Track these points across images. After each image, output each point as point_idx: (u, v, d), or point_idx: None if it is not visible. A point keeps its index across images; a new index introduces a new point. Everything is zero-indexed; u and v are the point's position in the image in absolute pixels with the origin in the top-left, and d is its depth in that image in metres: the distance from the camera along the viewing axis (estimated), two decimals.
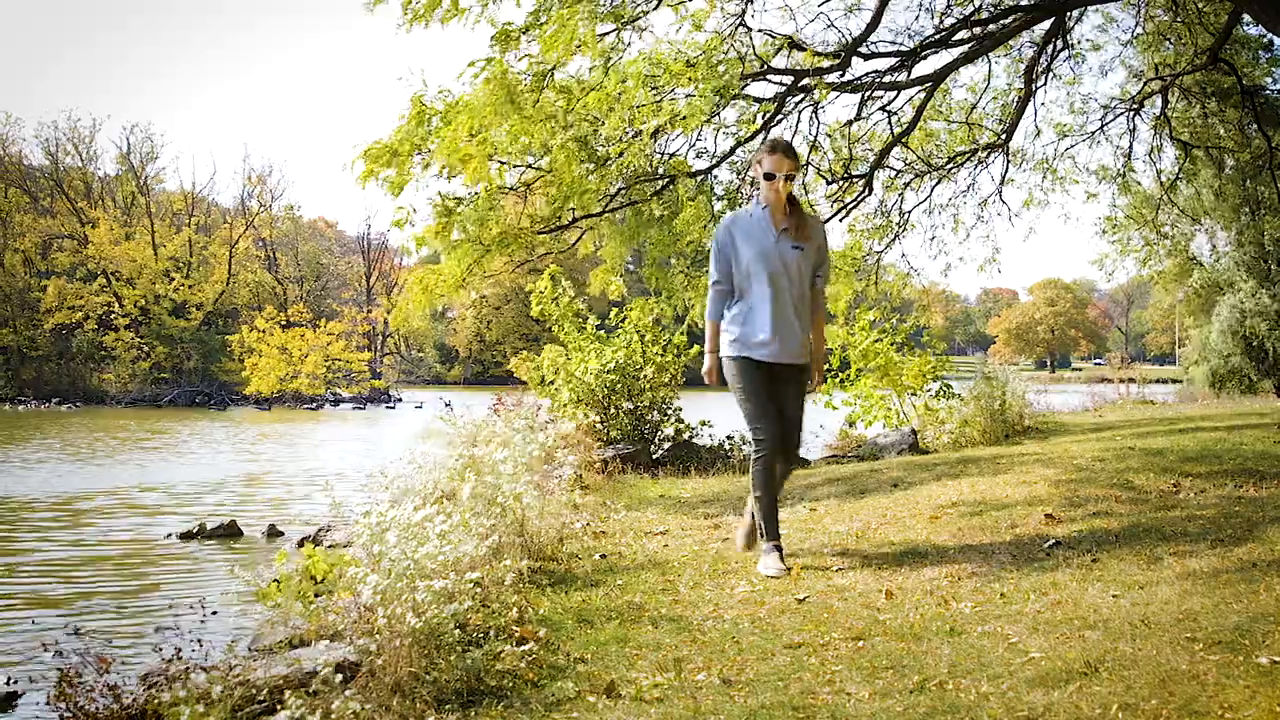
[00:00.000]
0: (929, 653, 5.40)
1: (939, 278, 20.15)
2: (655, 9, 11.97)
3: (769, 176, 7.34)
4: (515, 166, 12.73)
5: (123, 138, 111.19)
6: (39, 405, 59.40)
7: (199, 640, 8.57)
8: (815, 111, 14.25)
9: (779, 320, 7.37)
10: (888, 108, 14.99)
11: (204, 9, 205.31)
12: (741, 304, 7.52)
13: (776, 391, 7.56)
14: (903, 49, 13.71)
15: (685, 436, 17.59)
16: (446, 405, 29.36)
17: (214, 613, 10.17)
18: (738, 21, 12.31)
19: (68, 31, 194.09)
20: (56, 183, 76.14)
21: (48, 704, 6.39)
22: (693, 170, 13.24)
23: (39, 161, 77.33)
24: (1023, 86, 15.83)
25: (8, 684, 8.02)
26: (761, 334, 7.41)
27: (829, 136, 15.03)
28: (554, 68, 11.60)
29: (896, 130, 14.81)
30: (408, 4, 11.56)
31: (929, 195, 17.37)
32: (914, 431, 17.62)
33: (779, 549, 7.81)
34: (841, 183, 15.26)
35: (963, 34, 13.87)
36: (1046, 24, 14.58)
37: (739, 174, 14.12)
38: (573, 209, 12.42)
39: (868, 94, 14.11)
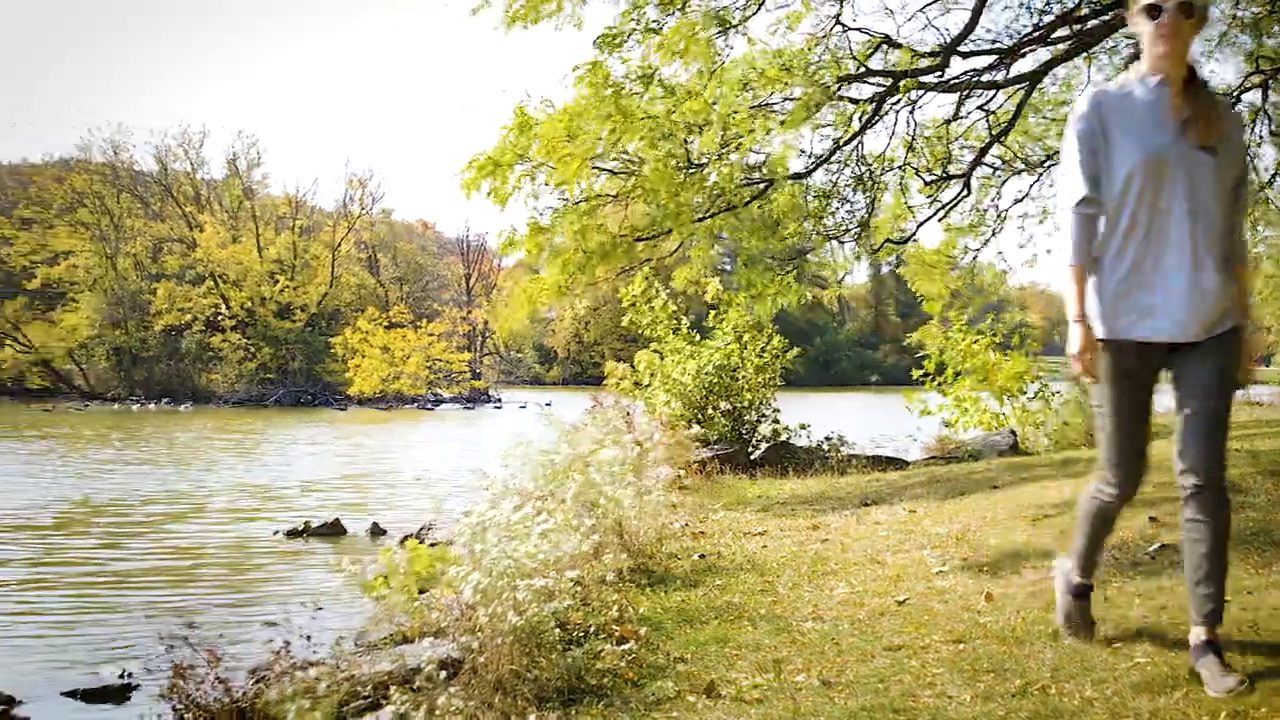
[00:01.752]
0: (1031, 656, 5.36)
1: (1026, 269, 19.81)
2: (755, 13, 12.00)
3: (1153, 10, 4.52)
4: (613, 173, 12.83)
5: (229, 143, 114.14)
6: (150, 405, 60.96)
7: (306, 635, 8.81)
8: (913, 111, 14.17)
9: (1185, 268, 4.58)
10: (985, 106, 14.84)
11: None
12: (1116, 241, 4.72)
13: (1186, 382, 4.74)
14: (1001, 47, 13.56)
15: (783, 437, 17.58)
16: (547, 405, 29.57)
17: (320, 609, 10.43)
18: (834, 21, 12.29)
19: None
20: (166, 187, 78.15)
21: (161, 696, 6.62)
22: (791, 173, 13.23)
23: (149, 167, 79.69)
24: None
25: (122, 676, 8.31)
26: (1156, 293, 4.64)
27: (926, 138, 14.91)
28: (654, 72, 11.68)
29: (995, 129, 14.65)
30: (511, 4, 11.70)
31: (1026, 192, 17.13)
32: (1013, 433, 17.41)
33: (1083, 597, 5.61)
34: (940, 181, 15.13)
35: (1062, 31, 13.67)
36: None
37: (833, 175, 14.10)
38: (669, 223, 12.48)
39: (966, 93, 13.98)
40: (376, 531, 15.32)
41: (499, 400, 71.43)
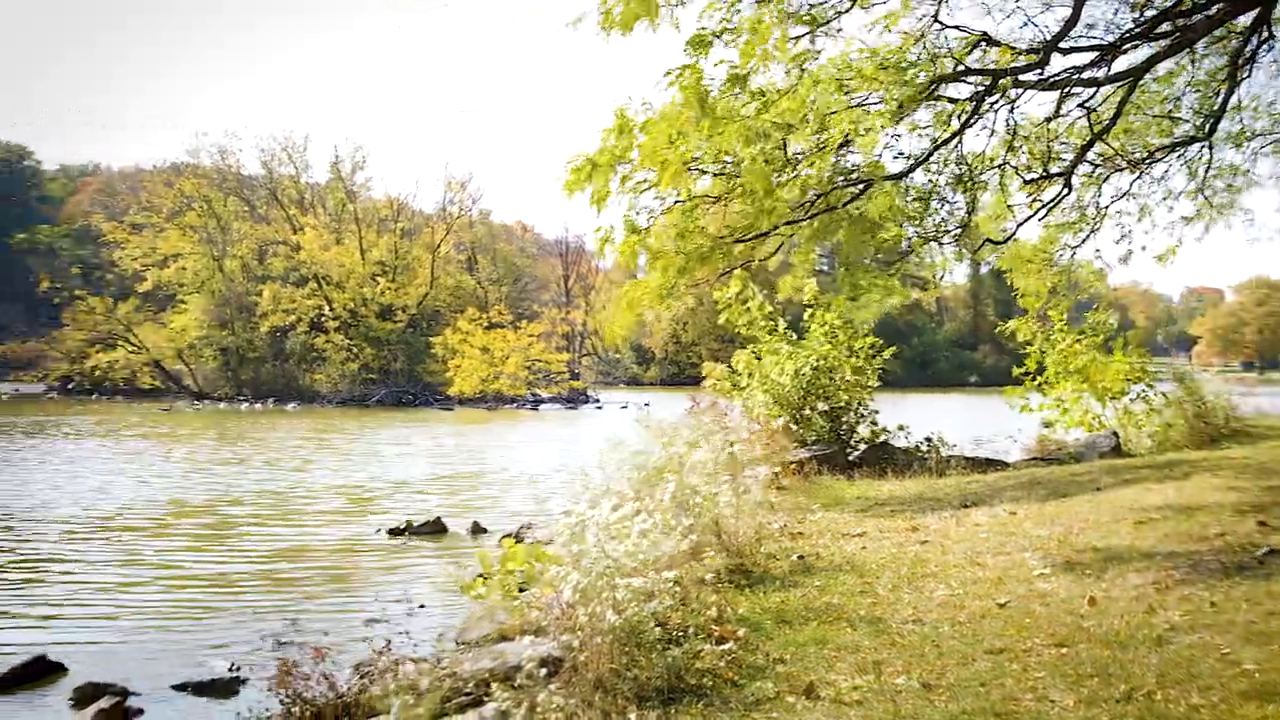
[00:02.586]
0: (1136, 661, 5.31)
1: (1120, 265, 19.39)
2: (847, 11, 11.96)
3: None
4: (710, 174, 12.86)
5: (332, 148, 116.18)
6: (257, 405, 62.26)
7: (407, 632, 8.99)
8: (1012, 110, 13.98)
9: None
10: (1086, 103, 14.59)
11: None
12: None
13: None
14: (1102, 43, 13.33)
15: (881, 438, 17.48)
16: (646, 406, 29.60)
17: (421, 606, 10.59)
18: (932, 19, 12.19)
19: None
20: (271, 191, 79.79)
21: (269, 690, 6.81)
22: (888, 174, 13.15)
23: (254, 171, 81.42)
24: (1226, 79, 15.19)
25: (231, 670, 8.54)
26: None
27: (1026, 137, 14.70)
28: (748, 73, 11.69)
29: (1096, 127, 14.39)
30: (608, 13, 11.76)
31: (1127, 190, 16.80)
32: (1115, 435, 17.13)
33: None
34: (1040, 180, 14.92)
35: (1165, 26, 13.40)
36: (1251, 15, 13.96)
37: (933, 176, 13.97)
38: (766, 221, 12.47)
39: (1066, 91, 13.77)
40: (477, 530, 15.50)
41: (598, 400, 71.76)
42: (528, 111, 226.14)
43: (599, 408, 65.01)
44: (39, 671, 8.50)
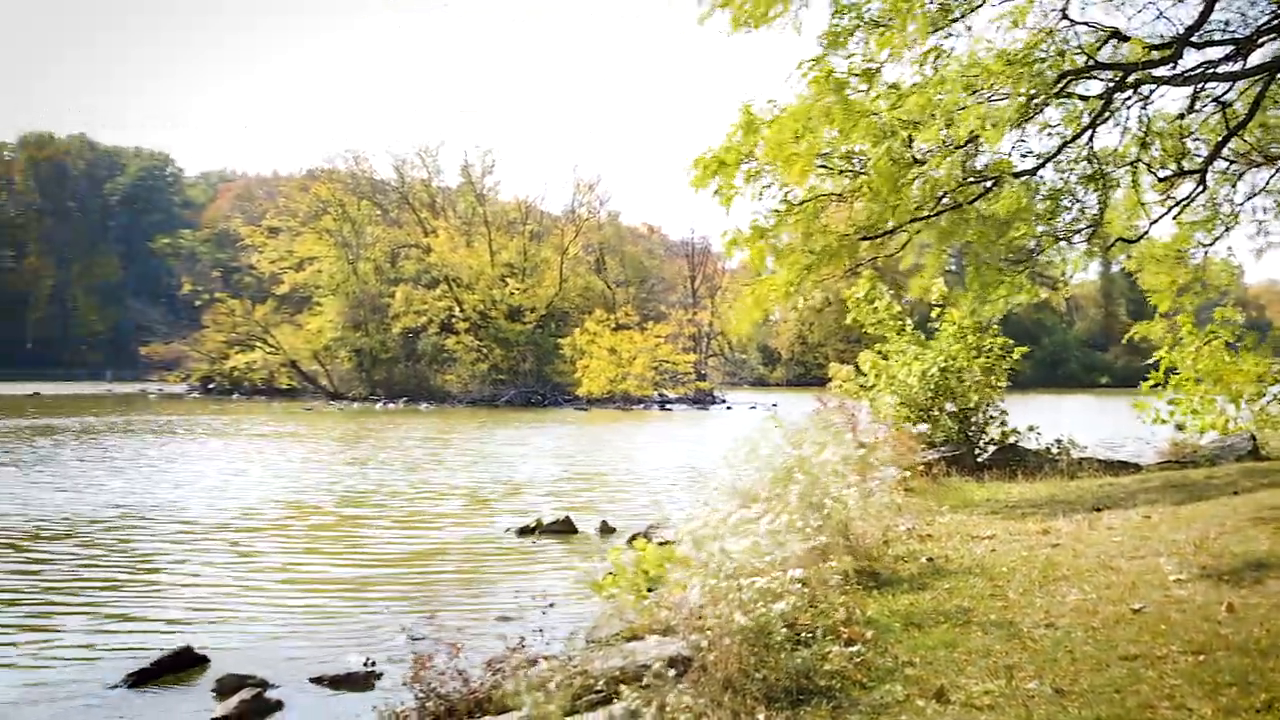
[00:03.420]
0: (1277, 670, 5.21)
1: (1255, 262, 18.74)
2: (978, 7, 11.86)
3: None
4: (838, 171, 12.85)
5: (464, 152, 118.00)
6: (390, 404, 63.57)
7: (539, 630, 9.15)
8: (1144, 106, 13.70)
9: None
10: (1221, 99, 14.22)
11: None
12: None
13: None
14: (1237, 37, 12.97)
15: (1011, 439, 17.25)
16: (773, 406, 29.51)
17: (551, 604, 10.76)
18: (1060, 15, 12.01)
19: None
20: (403, 195, 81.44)
21: (404, 684, 7.01)
22: (1017, 170, 13.00)
23: (387, 175, 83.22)
24: None
25: (366, 665, 8.78)
26: None
27: (1158, 133, 14.38)
28: (879, 67, 11.67)
29: (1231, 122, 14.02)
30: (739, 9, 11.84)
31: (1263, 186, 16.32)
32: (1252, 437, 16.63)
33: None
34: (1174, 177, 14.59)
35: None
36: None
37: (1064, 173, 13.76)
38: (892, 218, 12.43)
39: (1200, 86, 13.44)
40: (606, 530, 15.62)
41: (725, 401, 71.70)
42: (655, 115, 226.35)
43: (728, 408, 64.96)
44: (184, 663, 8.84)
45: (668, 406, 66.03)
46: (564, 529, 15.71)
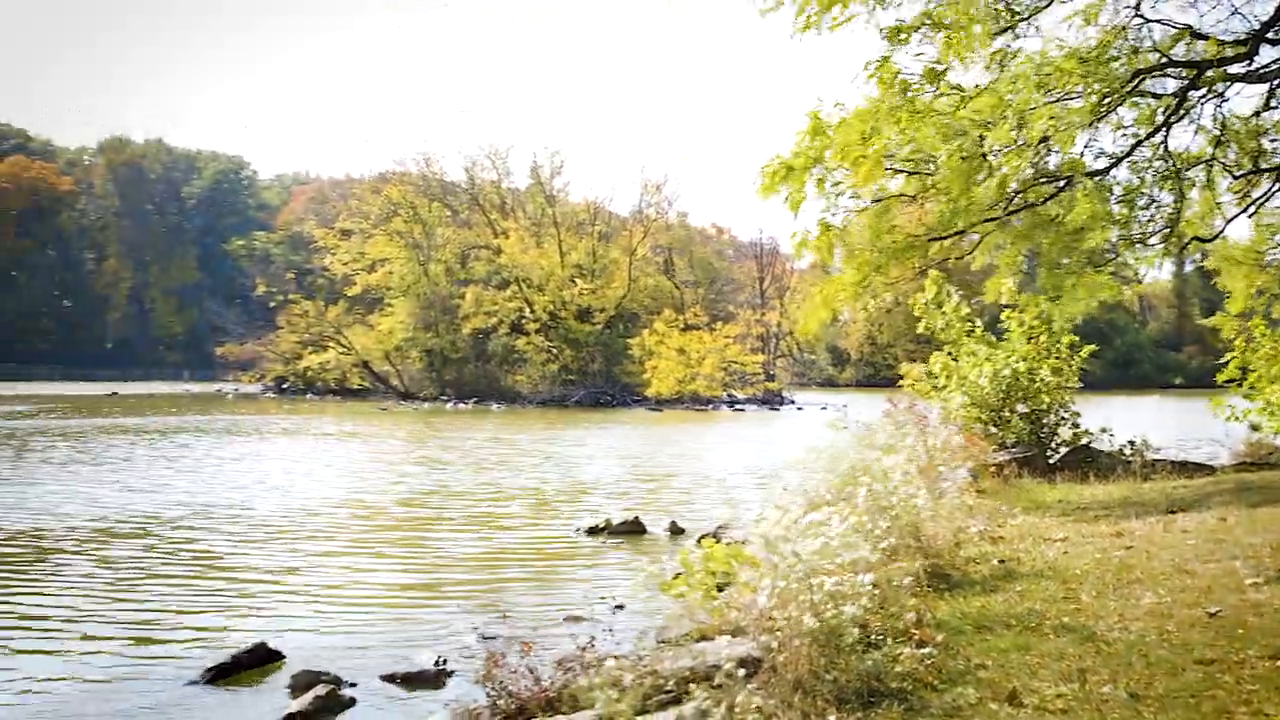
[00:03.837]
0: None
1: None
2: (1046, 7, 11.75)
3: None
4: (906, 172, 12.80)
5: (533, 154, 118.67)
6: (461, 405, 64.08)
7: (609, 630, 9.19)
8: (1220, 104, 13.48)
9: None
10: None
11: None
12: None
13: None
14: None
15: (1083, 441, 17.07)
16: (844, 407, 29.33)
17: (620, 606, 10.80)
18: (1132, 12, 11.87)
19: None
20: (473, 197, 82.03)
21: (476, 682, 7.09)
22: (1090, 170, 12.86)
23: (457, 177, 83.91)
24: None
25: (437, 664, 8.87)
26: None
27: (1234, 132, 14.14)
28: (946, 68, 11.59)
29: None
30: (801, 10, 11.81)
31: None
32: None
33: None
34: (1250, 176, 14.35)
35: None
36: None
37: (1139, 173, 13.58)
38: (961, 221, 12.35)
39: (1277, 83, 13.22)
40: (675, 531, 15.62)
41: (795, 401, 71.46)
42: (724, 114, 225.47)
43: (799, 409, 64.74)
44: (259, 659, 8.99)
45: (737, 407, 65.84)
46: (633, 529, 15.73)
